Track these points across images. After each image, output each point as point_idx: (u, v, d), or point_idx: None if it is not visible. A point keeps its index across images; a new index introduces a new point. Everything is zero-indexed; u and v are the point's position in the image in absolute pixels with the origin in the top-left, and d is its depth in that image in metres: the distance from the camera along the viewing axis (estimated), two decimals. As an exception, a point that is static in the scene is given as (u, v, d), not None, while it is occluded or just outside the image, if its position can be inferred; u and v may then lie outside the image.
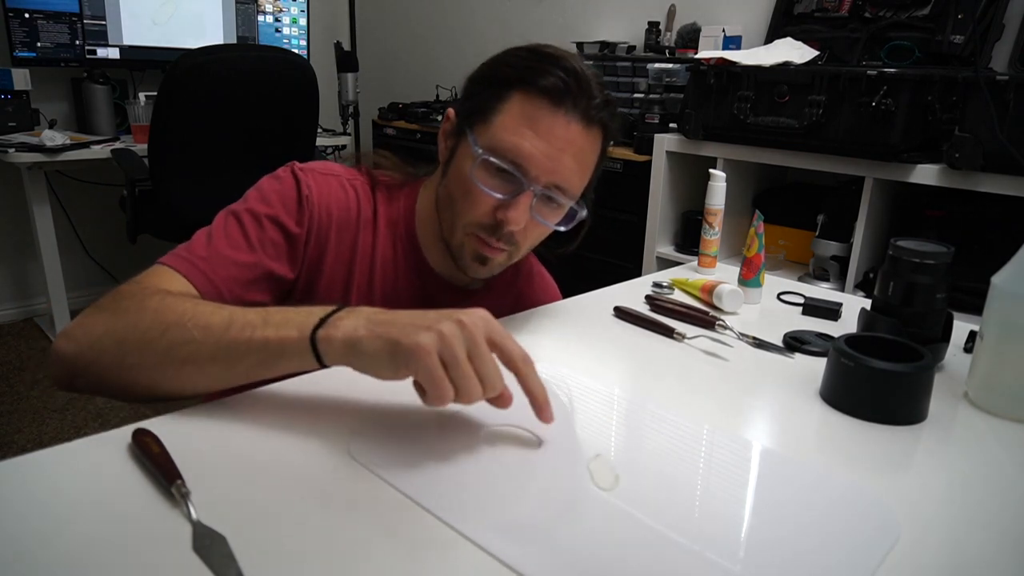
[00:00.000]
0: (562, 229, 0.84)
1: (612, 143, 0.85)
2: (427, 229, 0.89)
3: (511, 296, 0.99)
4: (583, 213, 0.84)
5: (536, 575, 0.45)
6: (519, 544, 0.48)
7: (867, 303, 0.91)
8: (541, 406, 0.59)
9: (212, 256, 0.76)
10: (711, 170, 1.17)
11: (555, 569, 0.46)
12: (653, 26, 2.53)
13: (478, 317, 0.57)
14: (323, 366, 0.61)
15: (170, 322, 0.63)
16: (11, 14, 2.54)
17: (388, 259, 0.88)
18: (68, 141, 2.44)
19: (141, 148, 2.37)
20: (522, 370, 0.59)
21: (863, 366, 0.69)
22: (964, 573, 0.49)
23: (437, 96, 3.26)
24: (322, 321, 0.60)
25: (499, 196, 0.78)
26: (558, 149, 0.77)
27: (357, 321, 0.59)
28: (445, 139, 0.86)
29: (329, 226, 0.84)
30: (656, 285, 1.08)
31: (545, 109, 0.77)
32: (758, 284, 1.07)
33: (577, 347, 0.87)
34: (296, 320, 0.61)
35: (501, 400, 0.59)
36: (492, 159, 0.77)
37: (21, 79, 2.53)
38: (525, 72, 0.78)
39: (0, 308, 2.94)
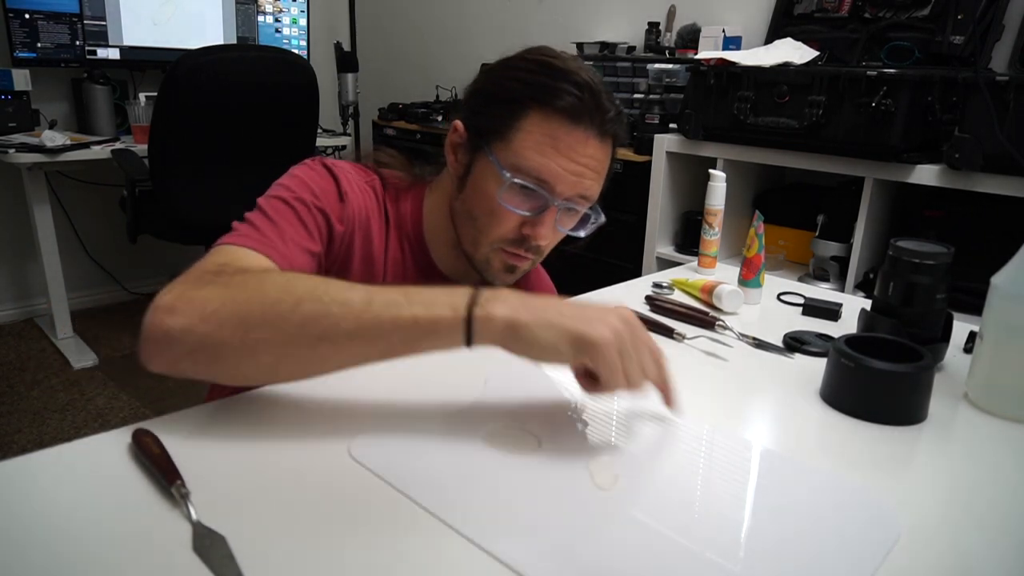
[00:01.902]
0: (582, 235, 0.87)
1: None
2: (436, 232, 0.89)
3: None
4: (601, 218, 0.87)
5: (536, 575, 0.45)
6: (519, 544, 0.48)
7: (867, 303, 0.91)
8: (671, 398, 0.64)
9: (283, 240, 0.74)
10: (711, 170, 1.18)
11: (554, 569, 0.46)
12: (653, 26, 2.53)
13: (633, 316, 0.62)
14: (468, 347, 0.59)
15: (302, 295, 0.59)
16: (11, 14, 2.54)
17: (397, 259, 0.89)
18: (68, 141, 2.43)
19: (141, 148, 2.37)
20: (661, 364, 0.63)
21: (863, 366, 0.69)
22: (964, 573, 0.49)
23: (437, 96, 3.26)
24: (473, 301, 0.59)
25: (526, 214, 0.80)
26: (580, 165, 0.79)
27: (512, 304, 0.59)
28: (454, 152, 0.85)
29: (359, 226, 0.84)
30: (656, 285, 1.08)
31: (564, 127, 0.78)
32: (758, 284, 1.07)
33: (577, 347, 0.87)
34: (444, 299, 0.59)
35: (664, 387, 0.64)
36: (520, 181, 0.78)
37: (21, 79, 2.53)
38: (539, 90, 0.78)
39: (0, 308, 2.94)
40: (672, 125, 2.15)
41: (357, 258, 0.85)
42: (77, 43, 2.72)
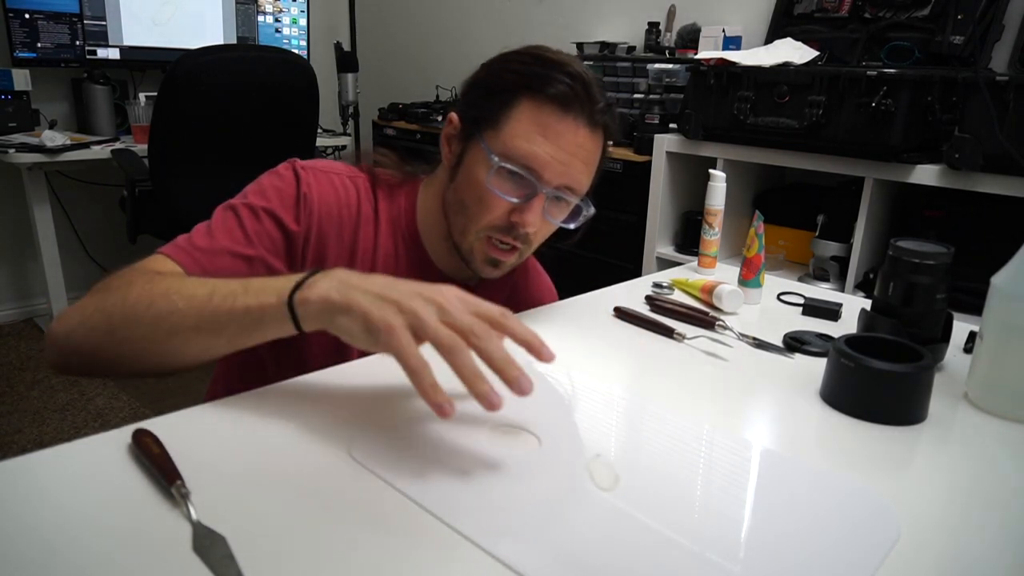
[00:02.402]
0: (571, 227, 0.87)
1: (612, 143, 0.87)
2: (430, 227, 0.90)
3: (507, 289, 1.00)
4: (591, 211, 0.86)
5: (536, 575, 0.45)
6: (519, 544, 0.48)
7: (867, 303, 0.91)
8: (537, 349, 0.58)
9: (212, 248, 0.78)
10: (711, 170, 1.17)
11: (555, 569, 0.46)
12: (653, 26, 2.53)
13: (450, 289, 0.59)
14: (301, 331, 0.61)
15: (156, 295, 0.65)
16: (11, 14, 2.54)
17: (390, 255, 0.89)
18: (68, 141, 2.44)
19: (141, 148, 2.37)
20: (505, 324, 0.58)
21: (863, 366, 0.69)
22: (964, 574, 0.49)
23: (437, 96, 3.26)
24: (298, 285, 0.61)
25: (513, 200, 0.81)
26: (569, 153, 0.80)
27: (331, 283, 0.59)
28: (449, 143, 0.87)
29: (329, 223, 0.85)
30: (656, 285, 1.08)
31: (554, 115, 0.79)
32: (758, 284, 1.07)
33: (577, 347, 0.87)
34: (275, 286, 0.62)
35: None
36: (507, 166, 0.80)
37: (21, 79, 2.53)
38: (531, 79, 0.80)
39: (0, 308, 2.94)
40: (672, 125, 2.15)
41: (332, 253, 0.85)
42: (77, 43, 2.72)
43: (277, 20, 3.25)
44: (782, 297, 1.10)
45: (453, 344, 0.54)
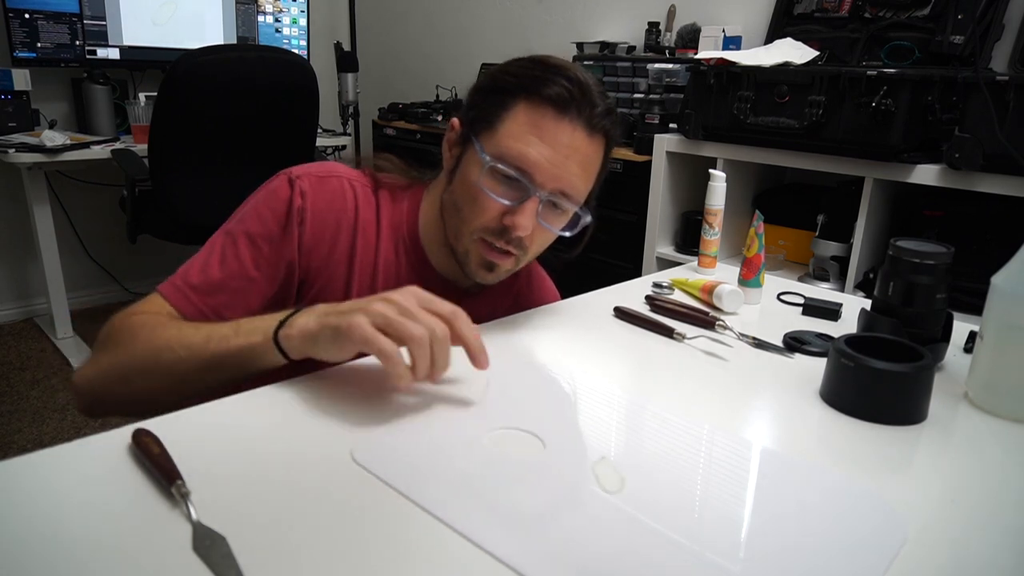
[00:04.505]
0: (567, 234, 0.85)
1: (613, 150, 0.86)
2: (431, 232, 0.89)
3: (510, 297, 0.99)
4: (587, 219, 0.85)
5: None
6: (523, 547, 0.48)
7: (867, 303, 0.91)
8: (475, 354, 0.67)
9: (207, 286, 0.81)
10: (711, 170, 1.17)
11: (559, 572, 0.46)
12: (653, 26, 2.53)
13: (405, 290, 0.66)
14: (289, 360, 0.69)
15: (159, 348, 0.72)
16: (11, 14, 2.54)
17: (391, 260, 0.89)
18: (68, 141, 2.43)
19: (141, 148, 2.37)
20: (454, 323, 0.66)
21: (863, 366, 0.69)
22: (963, 574, 0.49)
23: (437, 96, 3.26)
24: (281, 323, 0.68)
25: (506, 202, 0.79)
26: (563, 156, 0.78)
27: (309, 317, 0.67)
28: (450, 148, 0.87)
29: (325, 229, 0.85)
30: (656, 285, 1.08)
31: (550, 117, 0.78)
32: (758, 284, 1.07)
33: (577, 347, 0.87)
34: (262, 326, 0.69)
35: (456, 340, 0.66)
36: (499, 166, 0.78)
37: (21, 79, 2.53)
38: (529, 81, 0.79)
39: (0, 308, 2.94)
40: (672, 125, 2.15)
41: (330, 259, 0.86)
42: (77, 43, 2.72)
43: (277, 20, 3.25)
44: (782, 297, 1.10)
45: (414, 333, 0.62)
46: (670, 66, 2.26)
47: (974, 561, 0.50)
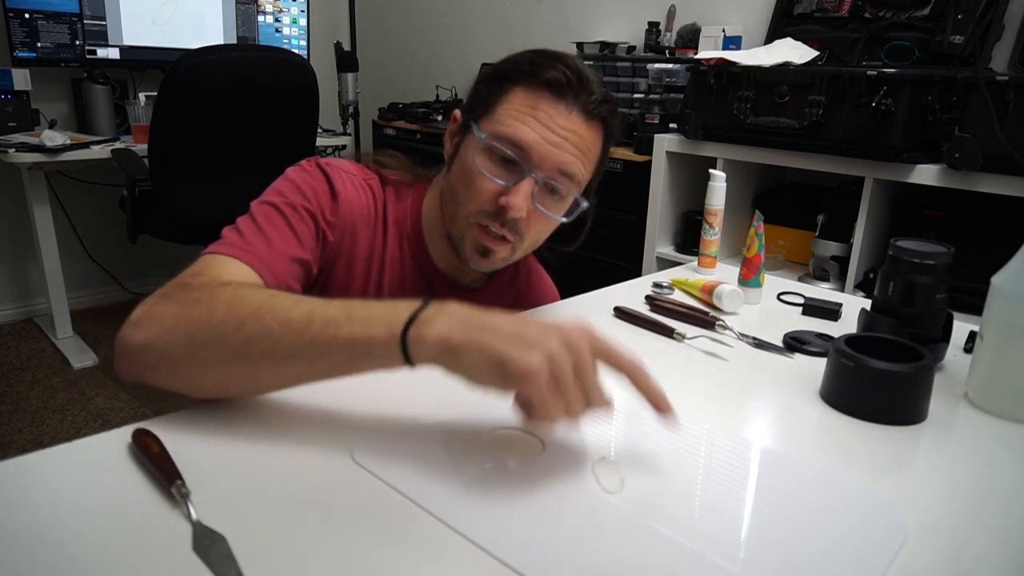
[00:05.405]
0: (564, 220, 0.84)
1: (613, 143, 0.86)
2: (433, 227, 0.90)
3: (511, 295, 0.99)
4: (584, 204, 0.84)
5: None
6: (523, 547, 0.48)
7: (867, 303, 0.91)
8: (660, 407, 0.58)
9: (272, 253, 0.74)
10: (711, 170, 1.17)
11: (559, 572, 0.46)
12: (653, 26, 2.52)
13: (584, 332, 0.55)
14: (411, 367, 0.57)
15: (246, 314, 0.59)
16: (11, 14, 2.54)
17: (395, 257, 0.89)
18: (68, 141, 2.43)
19: (141, 148, 2.37)
20: (634, 376, 0.58)
21: (863, 366, 0.69)
22: (963, 574, 0.49)
23: (437, 96, 3.26)
24: (412, 319, 0.56)
25: (501, 183, 0.79)
26: (560, 138, 0.78)
27: (450, 322, 0.55)
28: (451, 138, 0.88)
29: (353, 225, 0.85)
30: (656, 285, 1.08)
31: (547, 99, 0.78)
32: (758, 284, 1.07)
33: (577, 347, 0.87)
34: (383, 317, 0.57)
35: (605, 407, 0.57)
36: (495, 144, 0.78)
37: (21, 79, 2.53)
38: (527, 66, 0.80)
39: (0, 308, 2.94)
40: (672, 125, 2.15)
41: (351, 256, 0.85)
42: (77, 43, 2.71)
43: (277, 20, 3.25)
44: (782, 297, 1.10)
45: (573, 403, 0.54)
46: (670, 66, 2.26)
47: (974, 561, 0.50)
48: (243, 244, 0.73)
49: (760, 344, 0.88)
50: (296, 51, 3.08)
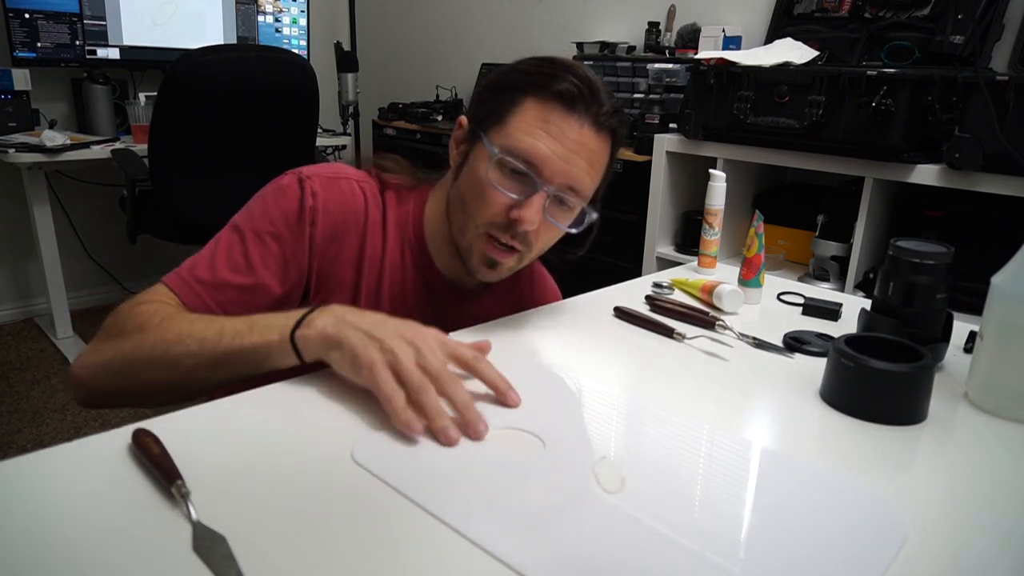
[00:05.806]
0: (573, 231, 0.85)
1: (620, 149, 0.86)
2: (436, 232, 0.89)
3: (513, 297, 0.99)
4: (593, 215, 0.85)
5: None
6: (523, 547, 0.48)
7: (867, 303, 0.91)
8: (504, 393, 0.67)
9: (213, 281, 0.80)
10: (711, 170, 1.17)
11: (559, 572, 0.46)
12: (653, 26, 2.53)
13: (431, 332, 0.67)
14: (304, 362, 0.68)
15: (171, 341, 0.71)
16: (11, 14, 2.54)
17: (396, 262, 0.89)
18: (68, 141, 2.43)
19: (141, 148, 2.37)
20: (477, 367, 0.67)
21: (863, 366, 0.69)
22: (963, 574, 0.49)
23: (437, 96, 3.26)
24: (298, 323, 0.67)
25: (513, 196, 0.80)
26: (571, 151, 0.79)
27: (327, 319, 0.67)
28: (457, 145, 0.87)
29: (335, 231, 0.85)
30: (656, 285, 1.08)
31: (558, 112, 0.79)
32: (758, 284, 1.07)
33: (577, 347, 0.87)
34: (277, 324, 0.68)
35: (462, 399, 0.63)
36: (507, 159, 0.79)
37: (21, 79, 2.53)
38: (538, 77, 0.80)
39: (0, 308, 2.94)
40: (672, 125, 2.15)
41: (339, 260, 0.86)
42: (77, 43, 2.72)
43: (277, 20, 3.25)
44: (782, 297, 1.10)
45: (421, 385, 0.62)
46: (670, 66, 2.26)
47: (974, 561, 0.50)
48: (189, 279, 0.80)
49: (760, 344, 0.88)
50: (296, 51, 3.08)
